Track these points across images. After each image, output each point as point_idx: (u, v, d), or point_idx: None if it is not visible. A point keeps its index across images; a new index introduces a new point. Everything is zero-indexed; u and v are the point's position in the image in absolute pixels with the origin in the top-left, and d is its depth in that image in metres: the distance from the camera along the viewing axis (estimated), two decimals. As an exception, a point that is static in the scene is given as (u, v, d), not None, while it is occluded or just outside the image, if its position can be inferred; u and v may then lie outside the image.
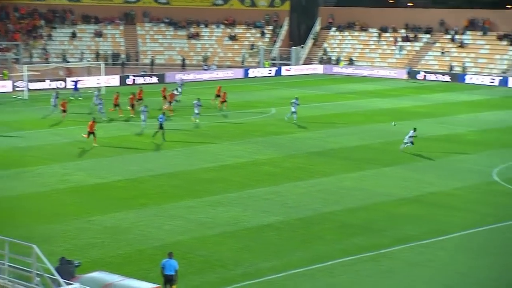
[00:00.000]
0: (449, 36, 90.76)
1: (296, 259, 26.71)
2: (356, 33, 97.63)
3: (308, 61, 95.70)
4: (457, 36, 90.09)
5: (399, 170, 40.42)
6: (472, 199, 34.87)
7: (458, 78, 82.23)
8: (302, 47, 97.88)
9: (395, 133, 50.53)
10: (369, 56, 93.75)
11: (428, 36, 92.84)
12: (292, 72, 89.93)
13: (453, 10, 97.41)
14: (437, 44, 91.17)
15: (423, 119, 56.41)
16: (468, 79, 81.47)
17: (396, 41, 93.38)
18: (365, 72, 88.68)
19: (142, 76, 79.91)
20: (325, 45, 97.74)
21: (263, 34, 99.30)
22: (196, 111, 52.57)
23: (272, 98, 67.86)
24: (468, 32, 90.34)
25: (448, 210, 32.96)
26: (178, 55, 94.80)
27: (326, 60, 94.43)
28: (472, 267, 26.17)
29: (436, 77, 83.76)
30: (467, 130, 52.53)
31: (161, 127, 46.43)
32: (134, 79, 77.85)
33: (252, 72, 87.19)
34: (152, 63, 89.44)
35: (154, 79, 78.89)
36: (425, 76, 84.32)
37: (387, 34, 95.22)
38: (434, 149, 45.03)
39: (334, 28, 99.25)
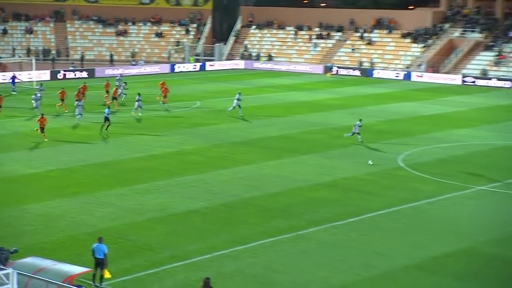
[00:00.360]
0: (358, 34, 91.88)
1: (221, 242, 26.69)
2: (275, 31, 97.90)
3: (230, 57, 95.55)
4: (365, 34, 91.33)
5: (315, 157, 40.76)
6: (381, 184, 35.35)
7: (367, 72, 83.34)
8: (225, 43, 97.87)
9: (311, 123, 51.10)
10: (287, 52, 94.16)
11: (339, 34, 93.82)
12: (215, 67, 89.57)
13: (362, 10, 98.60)
14: (348, 42, 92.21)
15: (336, 111, 57.17)
16: (376, 73, 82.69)
17: (311, 39, 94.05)
18: (283, 67, 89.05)
19: (73, 71, 78.59)
20: (246, 42, 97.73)
21: (187, 31, 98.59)
22: (136, 106, 51.84)
23: (197, 92, 67.60)
24: (376, 31, 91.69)
25: (359, 194, 33.38)
26: (107, 51, 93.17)
27: (247, 56, 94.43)
28: (384, 246, 26.58)
29: (348, 72, 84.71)
30: (375, 120, 53.23)
31: (107, 119, 45.65)
32: (64, 74, 76.65)
33: (178, 67, 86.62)
34: (81, 59, 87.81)
35: (84, 74, 77.64)
36: (337, 71, 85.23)
37: (303, 32, 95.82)
38: (346, 138, 45.52)
39: (254, 26, 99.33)
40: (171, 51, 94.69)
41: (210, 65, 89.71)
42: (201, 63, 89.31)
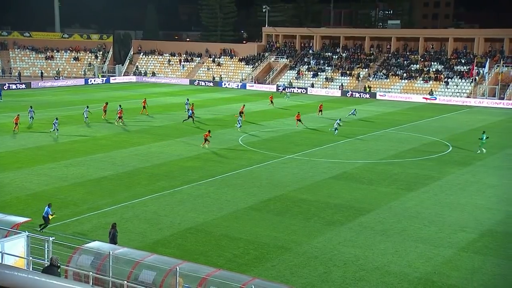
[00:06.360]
0: (211, 59, 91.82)
1: (123, 197, 26.01)
2: (156, 56, 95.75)
3: (126, 74, 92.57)
4: (216, 59, 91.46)
5: (185, 140, 40.44)
6: (228, 156, 35.73)
7: (218, 84, 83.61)
8: (122, 65, 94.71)
9: (182, 117, 50.50)
10: (165, 71, 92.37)
11: (199, 58, 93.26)
12: (116, 81, 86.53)
13: (213, 43, 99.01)
14: (205, 64, 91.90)
15: (199, 109, 56.78)
16: (223, 84, 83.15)
17: (180, 62, 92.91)
18: (163, 81, 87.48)
19: (15, 83, 73.78)
20: (137, 64, 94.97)
21: (96, 56, 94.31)
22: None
23: (104, 97, 64.76)
24: (222, 57, 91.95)
25: (215, 163, 33.59)
26: (39, 70, 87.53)
27: (138, 73, 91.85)
28: (231, 196, 26.91)
29: (205, 84, 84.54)
30: (224, 115, 53.63)
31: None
32: (9, 86, 72.01)
33: (90, 81, 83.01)
34: (19, 75, 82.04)
35: (23, 86, 73.45)
36: (199, 83, 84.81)
37: (175, 57, 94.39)
38: (205, 126, 45.51)
39: (142, 53, 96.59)
40: (85, 70, 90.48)
41: (113, 79, 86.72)
42: (106, 78, 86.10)
